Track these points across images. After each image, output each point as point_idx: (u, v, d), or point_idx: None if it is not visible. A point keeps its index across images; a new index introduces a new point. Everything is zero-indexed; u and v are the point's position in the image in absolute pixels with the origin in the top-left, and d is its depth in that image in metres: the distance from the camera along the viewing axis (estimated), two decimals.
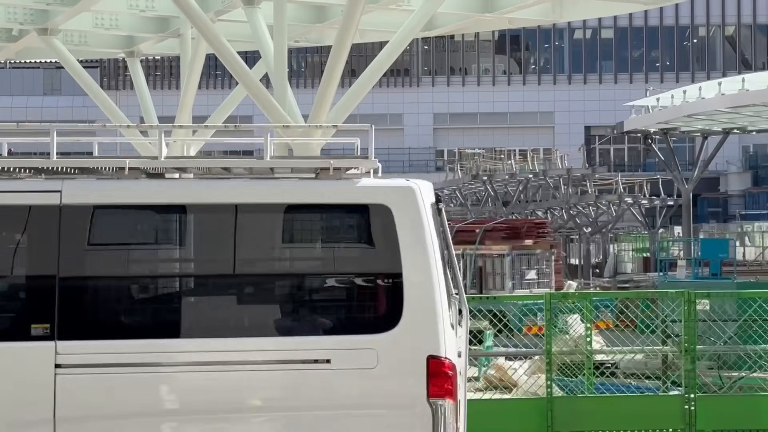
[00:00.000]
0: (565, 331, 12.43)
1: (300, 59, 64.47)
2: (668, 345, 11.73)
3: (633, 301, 12.49)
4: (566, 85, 74.49)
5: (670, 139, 42.42)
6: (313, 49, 14.05)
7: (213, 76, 43.86)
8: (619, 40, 74.97)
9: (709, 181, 63.03)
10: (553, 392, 11.01)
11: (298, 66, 65.93)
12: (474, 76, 76.09)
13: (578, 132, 71.09)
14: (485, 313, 12.73)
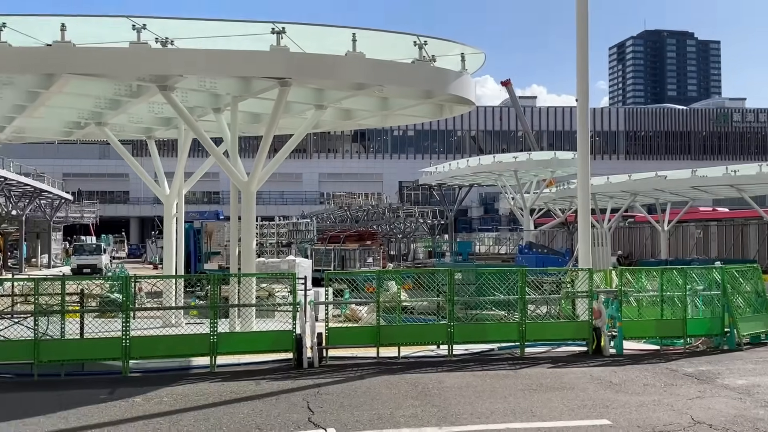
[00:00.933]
0: (387, 290, 12.58)
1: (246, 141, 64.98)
2: (440, 297, 11.91)
3: (423, 274, 12.36)
4: (389, 159, 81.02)
5: (443, 189, 45.44)
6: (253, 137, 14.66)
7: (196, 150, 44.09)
8: (417, 135, 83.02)
9: (462, 211, 69.92)
10: (380, 323, 11.33)
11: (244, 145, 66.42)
12: (341, 152, 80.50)
13: (395, 184, 79.23)
14: (345, 281, 12.98)
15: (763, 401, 8.46)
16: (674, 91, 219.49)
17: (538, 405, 8.31)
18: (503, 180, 39.00)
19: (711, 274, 12.97)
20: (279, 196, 76.57)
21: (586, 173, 14.49)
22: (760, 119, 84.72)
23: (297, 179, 79.40)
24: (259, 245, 30.36)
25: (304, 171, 79.87)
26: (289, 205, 72.96)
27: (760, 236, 30.55)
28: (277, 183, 74.11)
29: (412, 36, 12.11)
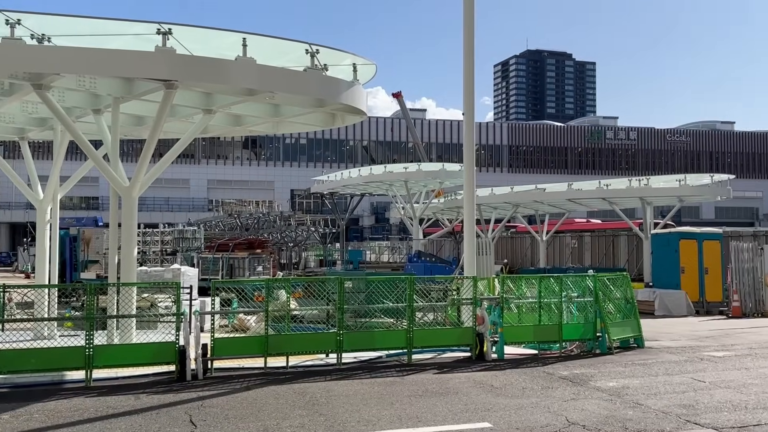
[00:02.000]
0: (276, 298, 12.19)
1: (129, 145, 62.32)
2: (330, 305, 11.93)
3: (313, 283, 12.37)
4: (281, 167, 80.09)
5: (335, 197, 45.53)
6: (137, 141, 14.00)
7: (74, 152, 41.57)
8: (310, 143, 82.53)
9: (354, 220, 71.05)
10: (269, 332, 11.12)
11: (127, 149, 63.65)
12: (231, 158, 79.14)
13: (287, 192, 78.19)
14: (234, 290, 12.69)
15: (632, 402, 8.99)
16: (553, 109, 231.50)
17: (423, 410, 8.45)
18: (394, 190, 39.58)
19: (584, 282, 13.70)
20: (164, 202, 73.82)
21: (471, 185, 14.95)
22: (630, 137, 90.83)
23: (184, 185, 76.95)
24: (141, 253, 29.08)
25: (191, 177, 77.52)
26: (176, 212, 70.45)
27: (630, 246, 32.66)
28: (162, 189, 71.42)
29: (304, 44, 12.07)
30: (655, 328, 17.05)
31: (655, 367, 11.62)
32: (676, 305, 22.47)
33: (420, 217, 39.26)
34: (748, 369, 11.44)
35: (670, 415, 8.24)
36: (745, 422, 7.90)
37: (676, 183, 30.10)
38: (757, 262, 21.83)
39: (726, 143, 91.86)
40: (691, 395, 9.37)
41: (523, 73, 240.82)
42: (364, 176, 38.47)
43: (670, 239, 24.49)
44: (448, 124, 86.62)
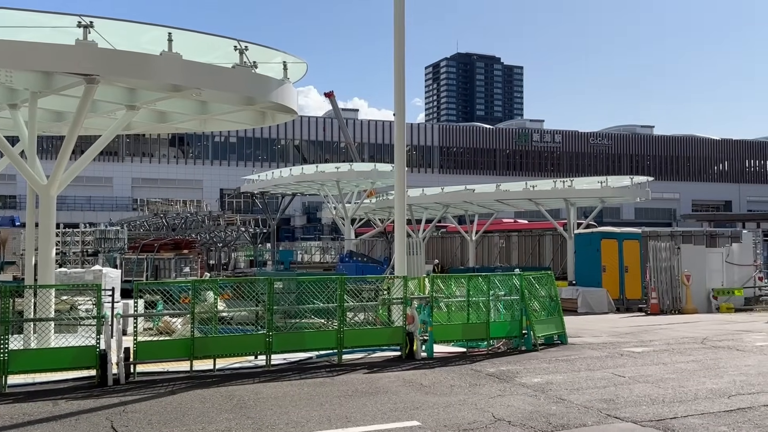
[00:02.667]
0: (204, 300, 11.89)
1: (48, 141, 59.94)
2: (259, 306, 11.71)
3: (242, 284, 12.05)
4: (210, 165, 78.67)
5: (266, 197, 45.07)
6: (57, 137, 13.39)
7: None
8: (240, 142, 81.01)
9: (285, 220, 70.40)
10: (195, 334, 10.86)
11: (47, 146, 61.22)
12: (157, 156, 77.54)
13: (216, 191, 76.67)
14: (159, 291, 12.21)
15: (556, 397, 9.23)
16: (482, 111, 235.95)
17: (353, 410, 8.43)
18: (326, 189, 39.41)
19: (511, 281, 14.00)
20: (86, 201, 71.11)
21: (402, 186, 15.03)
22: (556, 139, 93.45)
23: (107, 184, 74.28)
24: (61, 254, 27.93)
25: (115, 175, 74.88)
26: (98, 212, 67.95)
27: (555, 246, 33.60)
28: (84, 187, 68.80)
29: (233, 40, 11.85)
30: (577, 325, 17.57)
31: (577, 363, 11.97)
32: (598, 303, 23.25)
33: (352, 217, 39.25)
34: (666, 364, 11.93)
35: (591, 410, 8.50)
36: (662, 415, 8.21)
37: (598, 185, 31.15)
38: (674, 261, 22.81)
39: (645, 146, 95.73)
40: (611, 390, 9.69)
41: (453, 76, 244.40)
42: (295, 176, 38.17)
43: (592, 239, 25.32)
44: (380, 125, 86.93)
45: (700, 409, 8.48)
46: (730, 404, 8.75)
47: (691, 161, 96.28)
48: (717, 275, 23.81)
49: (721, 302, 22.92)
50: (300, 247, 48.08)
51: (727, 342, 14.68)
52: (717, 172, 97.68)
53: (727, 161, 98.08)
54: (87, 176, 69.57)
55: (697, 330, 16.99)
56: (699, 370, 11.21)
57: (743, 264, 24.59)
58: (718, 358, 12.54)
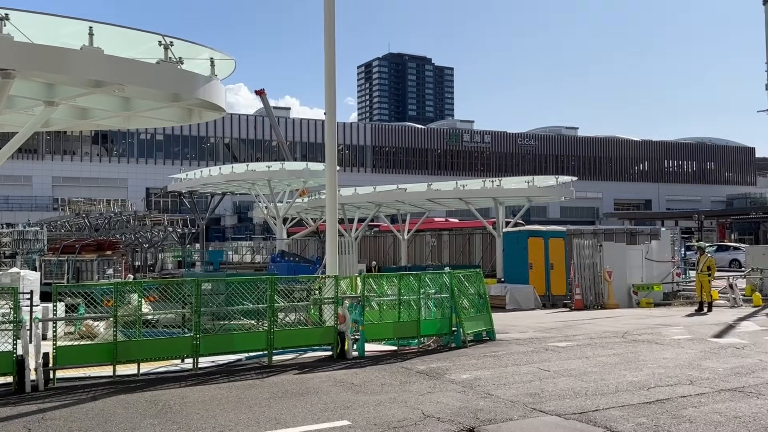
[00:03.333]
0: (128, 302, 11.46)
1: None
2: (186, 308, 11.32)
3: (169, 285, 11.64)
4: (135, 164, 76.60)
5: (194, 196, 44.17)
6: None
7: None
8: (167, 140, 79.48)
9: (215, 219, 69.34)
10: (118, 338, 10.56)
11: None
12: (79, 154, 74.79)
13: (142, 190, 74.50)
14: (80, 294, 11.71)
15: (484, 392, 9.39)
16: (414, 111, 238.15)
17: (283, 412, 8.34)
18: (257, 189, 38.88)
19: (441, 279, 14.16)
20: (3, 201, 67.87)
21: (333, 185, 14.99)
22: (485, 140, 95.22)
23: (26, 182, 71.12)
24: None
25: (34, 174, 71.74)
26: (16, 212, 64.96)
27: (484, 244, 34.23)
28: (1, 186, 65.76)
29: (158, 35, 11.54)
30: (505, 322, 17.94)
31: (505, 359, 12.23)
32: (525, 299, 23.82)
33: (284, 217, 38.86)
34: (588, 358, 12.33)
35: (517, 404, 8.70)
36: (585, 408, 8.48)
37: (525, 184, 31.90)
38: (596, 258, 23.60)
39: (570, 147, 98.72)
40: (537, 384, 9.94)
41: (385, 76, 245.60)
42: (225, 175, 37.46)
43: (519, 237, 25.93)
44: (312, 124, 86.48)
45: (620, 401, 8.79)
46: (649, 396, 9.11)
47: (613, 161, 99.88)
48: (637, 271, 24.76)
49: (641, 297, 23.85)
50: (230, 248, 47.31)
51: (646, 336, 15.29)
52: (637, 172, 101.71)
53: (647, 161, 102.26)
54: (4, 175, 66.41)
55: (619, 324, 17.62)
56: (620, 364, 11.63)
57: (662, 260, 25.68)
58: (638, 351, 13.04)
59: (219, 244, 51.98)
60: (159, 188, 67.60)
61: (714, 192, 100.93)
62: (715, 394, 9.15)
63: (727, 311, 20.96)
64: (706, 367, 11.15)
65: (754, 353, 12.56)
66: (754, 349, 13.11)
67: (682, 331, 16.13)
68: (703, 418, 7.88)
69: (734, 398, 8.91)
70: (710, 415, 8.04)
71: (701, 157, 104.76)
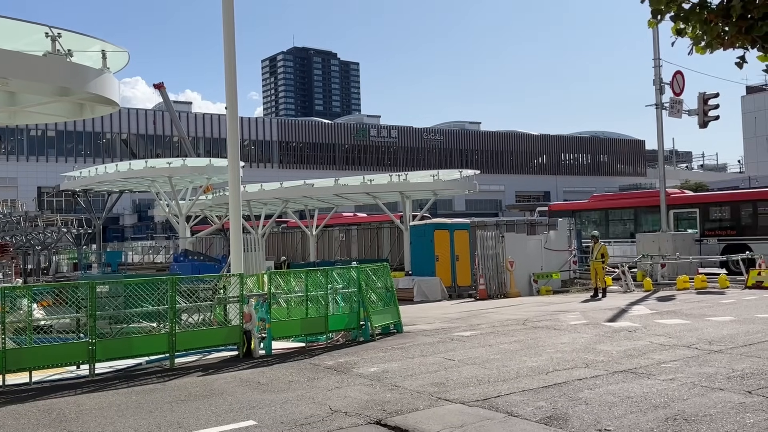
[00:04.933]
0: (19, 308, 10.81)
1: None
2: (81, 312, 10.90)
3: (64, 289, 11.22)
4: (26, 161, 72.60)
5: (89, 195, 42.32)
6: None
7: None
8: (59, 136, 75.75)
9: (113, 219, 67.67)
10: (8, 346, 9.99)
11: None
12: None
13: (33, 189, 70.56)
14: None
15: (391, 384, 9.49)
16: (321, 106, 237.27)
17: (185, 415, 8.12)
18: (157, 186, 37.57)
19: (349, 274, 14.19)
20: None
21: (236, 181, 14.70)
22: (392, 135, 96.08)
23: None
24: None
25: None
26: None
27: (392, 238, 34.57)
28: None
29: (44, 26, 10.93)
30: (413, 314, 18.21)
31: (412, 350, 12.40)
32: (432, 291, 24.26)
33: (187, 215, 37.75)
34: (491, 345, 12.69)
35: (423, 394, 8.85)
36: (487, 395, 8.72)
37: (431, 178, 32.44)
38: (499, 248, 24.33)
39: (473, 141, 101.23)
40: (442, 374, 10.14)
41: (291, 70, 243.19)
42: (122, 172, 35.94)
43: (425, 230, 26.37)
44: (216, 118, 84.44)
45: (521, 387, 9.11)
46: (547, 380, 9.48)
47: (514, 155, 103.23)
48: (537, 261, 25.71)
49: (541, 285, 24.80)
50: (130, 248, 45.57)
51: (545, 322, 15.91)
52: (537, 165, 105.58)
53: (545, 155, 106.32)
54: None
55: (520, 312, 18.24)
56: (521, 350, 12.05)
57: (560, 249, 26.79)
58: (537, 337, 13.55)
59: (118, 245, 49.96)
60: (51, 187, 64.01)
61: (607, 183, 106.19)
62: (609, 376, 9.63)
63: (620, 296, 22.10)
64: (601, 351, 11.72)
65: (645, 336, 13.31)
66: (645, 332, 13.89)
67: (579, 316, 16.88)
68: (598, 400, 8.28)
69: (627, 379, 9.41)
70: (605, 396, 8.46)
71: (595, 149, 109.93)
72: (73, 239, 38.86)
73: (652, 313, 17.05)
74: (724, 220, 31.04)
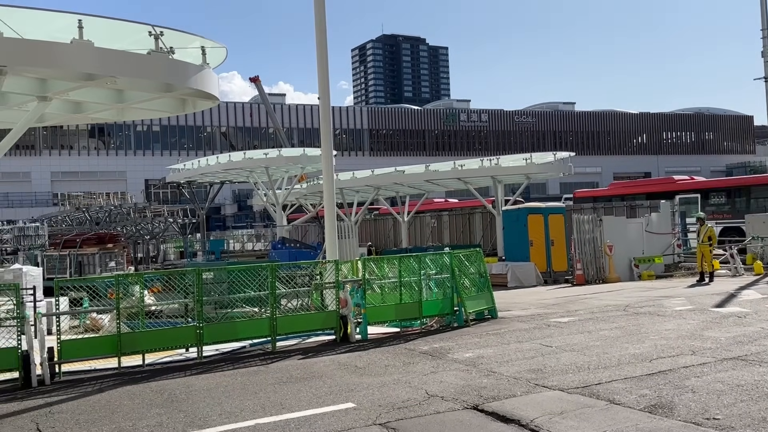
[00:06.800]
0: (131, 295, 11.48)
1: None
2: (188, 298, 11.40)
3: (171, 276, 11.74)
4: (133, 156, 76.31)
5: (193, 186, 44.14)
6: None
7: None
8: (163, 130, 79.21)
9: (215, 209, 70.08)
10: (122, 330, 10.58)
11: None
12: (77, 148, 74.52)
13: (141, 182, 74.13)
14: (83, 288, 11.74)
15: (487, 370, 9.44)
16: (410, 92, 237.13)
17: (287, 397, 8.40)
18: (255, 177, 38.79)
19: (442, 259, 14.19)
20: (3, 198, 67.87)
21: (329, 169, 14.97)
22: (482, 119, 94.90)
23: (25, 179, 71.11)
24: None
25: (33, 169, 71.77)
26: (16, 208, 65.02)
27: (484, 223, 34.21)
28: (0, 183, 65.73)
29: (147, 26, 11.46)
30: (507, 299, 17.99)
31: (507, 336, 12.28)
32: (527, 276, 23.86)
33: (283, 204, 38.80)
34: (590, 332, 12.37)
35: (520, 380, 8.75)
36: (587, 382, 8.52)
37: (523, 162, 31.80)
38: (596, 232, 23.60)
39: (568, 123, 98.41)
40: (539, 360, 9.98)
41: (380, 58, 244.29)
42: (223, 164, 37.33)
43: (519, 215, 25.92)
44: (308, 109, 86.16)
45: (623, 374, 8.84)
46: (651, 368, 9.15)
47: (611, 135, 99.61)
48: (637, 244, 24.77)
49: (642, 270, 23.89)
50: (231, 236, 47.32)
51: (648, 308, 15.34)
52: (636, 145, 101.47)
53: (645, 134, 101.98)
54: (3, 172, 66.33)
55: (621, 298, 17.67)
56: (622, 337, 11.68)
57: (662, 232, 25.69)
58: (639, 324, 13.08)
59: (220, 233, 51.99)
60: (158, 179, 67.52)
61: (713, 162, 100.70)
62: (718, 364, 9.19)
63: (729, 281, 21.00)
64: (708, 337, 11.19)
65: (755, 321, 12.60)
66: (755, 317, 13.15)
67: (684, 302, 16.18)
68: (705, 388, 7.92)
69: (736, 367, 8.95)
70: (713, 384, 8.08)
71: (700, 127, 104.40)
72: (178, 228, 40.73)
73: (764, 298, 16.11)
74: None
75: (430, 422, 7.11)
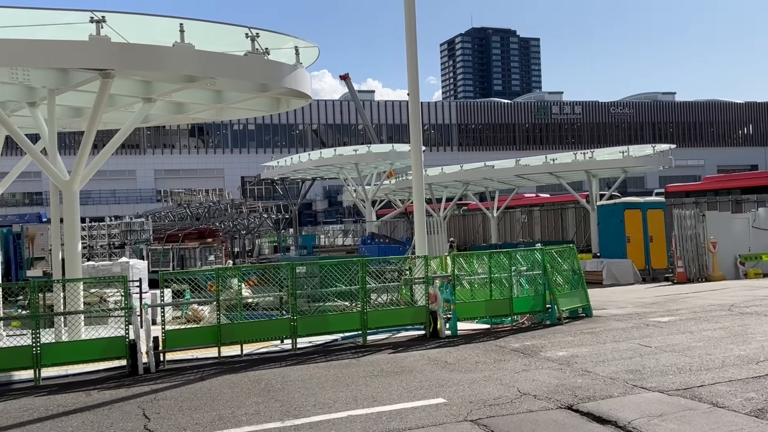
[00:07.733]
0: (229, 287, 12.05)
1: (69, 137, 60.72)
2: (283, 291, 11.77)
3: (266, 270, 12.26)
4: (230, 153, 78.78)
5: (286, 183, 45.16)
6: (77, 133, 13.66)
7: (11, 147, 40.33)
8: (258, 129, 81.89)
9: (307, 204, 71.50)
10: (221, 321, 10.99)
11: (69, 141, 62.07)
12: (178, 147, 77.74)
13: (237, 179, 76.88)
14: (185, 280, 12.46)
15: (581, 370, 9.22)
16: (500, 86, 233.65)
17: (379, 390, 8.51)
18: (345, 173, 39.42)
19: (533, 256, 13.94)
20: (111, 195, 72.09)
21: (419, 165, 14.98)
22: (575, 111, 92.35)
23: (130, 176, 75.33)
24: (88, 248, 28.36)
25: (137, 168, 75.90)
26: (123, 204, 68.91)
27: (577, 219, 33.35)
28: (108, 181, 69.67)
29: (243, 28, 11.85)
30: (602, 297, 17.49)
31: (602, 335, 11.93)
32: (623, 274, 23.08)
33: (372, 199, 39.24)
34: (692, 332, 11.85)
35: (617, 381, 8.49)
36: (689, 384, 8.17)
37: (620, 155, 30.78)
38: (699, 228, 22.52)
39: (667, 114, 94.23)
40: (637, 360, 9.65)
41: (469, 51, 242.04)
42: (314, 160, 38.18)
43: (615, 210, 25.09)
44: (397, 105, 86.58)
45: (727, 377, 8.42)
46: (758, 370, 8.68)
47: (714, 126, 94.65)
48: (743, 241, 23.48)
49: (748, 268, 22.63)
50: (322, 231, 48.28)
51: (755, 308, 14.52)
52: (742, 136, 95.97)
53: (751, 125, 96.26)
54: (110, 170, 70.41)
55: (725, 297, 16.82)
56: (726, 338, 11.12)
57: None
58: (745, 324, 12.41)
59: (311, 229, 53.15)
60: (253, 176, 69.77)
61: None
62: None
63: None
64: None
65: None
66: None
67: None
68: None
69: None
70: None
71: None
72: (272, 224, 41.97)
73: None
74: None
75: (522, 420, 7.03)
